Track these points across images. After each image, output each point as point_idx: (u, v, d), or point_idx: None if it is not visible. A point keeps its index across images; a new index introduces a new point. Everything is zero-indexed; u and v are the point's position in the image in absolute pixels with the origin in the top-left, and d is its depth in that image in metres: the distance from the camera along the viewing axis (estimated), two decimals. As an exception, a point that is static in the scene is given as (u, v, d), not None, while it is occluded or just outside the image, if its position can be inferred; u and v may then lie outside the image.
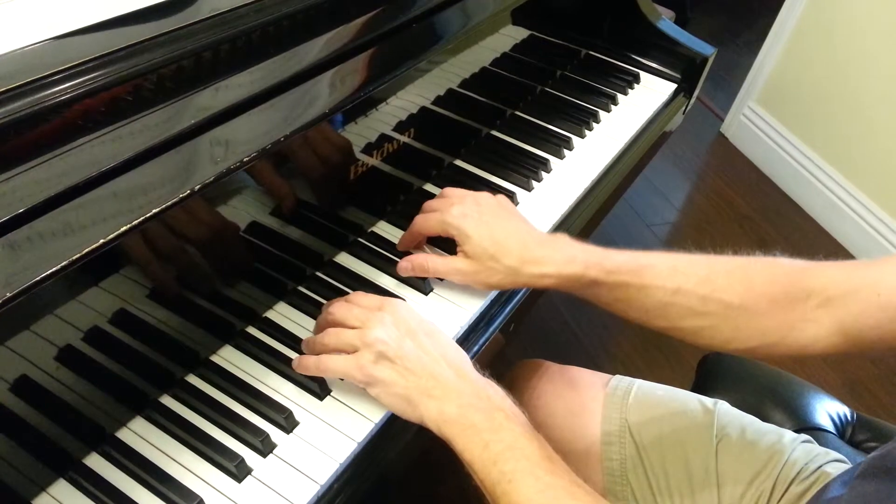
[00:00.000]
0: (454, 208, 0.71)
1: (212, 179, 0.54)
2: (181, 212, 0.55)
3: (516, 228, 0.70)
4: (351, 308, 0.64)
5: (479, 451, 0.55)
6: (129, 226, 0.49)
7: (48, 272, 0.45)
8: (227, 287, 0.66)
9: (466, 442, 0.56)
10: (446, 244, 0.76)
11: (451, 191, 0.76)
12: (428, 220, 0.74)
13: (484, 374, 0.62)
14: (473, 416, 0.57)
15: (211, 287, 0.64)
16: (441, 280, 0.75)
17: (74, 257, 0.46)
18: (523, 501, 0.52)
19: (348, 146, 0.71)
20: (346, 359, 0.61)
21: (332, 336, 0.63)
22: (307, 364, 0.63)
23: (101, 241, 0.47)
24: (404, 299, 0.72)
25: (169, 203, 0.51)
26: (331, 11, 0.67)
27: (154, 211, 0.50)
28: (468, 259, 0.70)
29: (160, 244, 0.56)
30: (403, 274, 0.74)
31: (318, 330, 0.66)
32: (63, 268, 0.45)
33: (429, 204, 0.76)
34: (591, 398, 0.83)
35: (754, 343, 0.63)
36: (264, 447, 0.59)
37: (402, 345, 0.60)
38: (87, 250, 0.47)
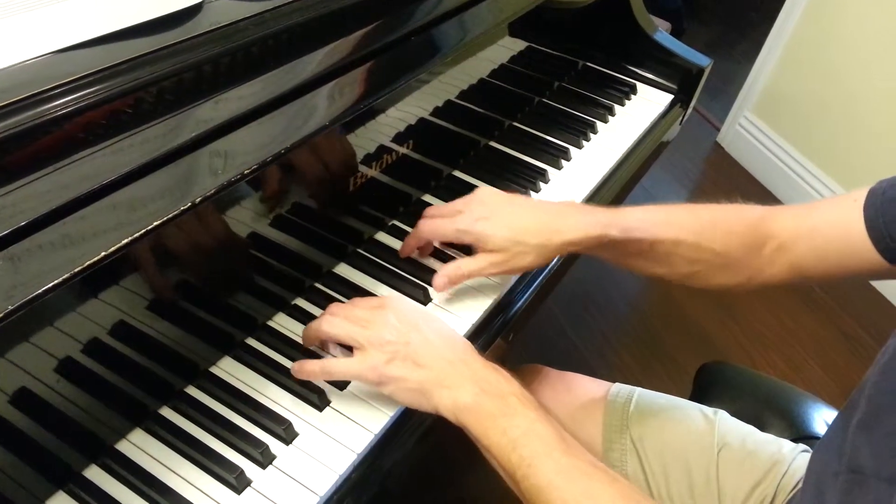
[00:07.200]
0: (464, 216, 0.71)
1: (212, 192, 0.54)
2: (181, 224, 0.55)
3: (527, 209, 0.72)
4: (352, 309, 0.64)
5: (496, 437, 0.56)
6: (130, 238, 0.49)
7: (49, 285, 0.45)
8: (227, 298, 0.66)
9: (485, 429, 0.57)
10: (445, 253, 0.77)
11: (451, 204, 0.76)
12: (439, 228, 0.73)
13: (486, 358, 0.62)
14: (488, 402, 0.58)
15: (210, 298, 0.65)
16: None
17: (75, 270, 0.46)
18: (544, 484, 0.53)
19: (347, 158, 0.72)
20: (355, 361, 0.61)
21: (335, 326, 0.63)
22: (311, 369, 0.63)
23: (102, 253, 0.47)
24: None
25: (170, 215, 0.51)
26: (330, 24, 0.67)
27: (155, 223, 0.50)
28: (495, 252, 0.70)
29: (160, 256, 0.56)
30: (440, 290, 0.73)
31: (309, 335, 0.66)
32: (64, 280, 0.46)
33: (430, 211, 0.76)
34: (590, 405, 0.83)
35: (733, 282, 0.72)
36: (264, 459, 0.59)
37: (410, 339, 0.60)
38: (87, 263, 0.47)
